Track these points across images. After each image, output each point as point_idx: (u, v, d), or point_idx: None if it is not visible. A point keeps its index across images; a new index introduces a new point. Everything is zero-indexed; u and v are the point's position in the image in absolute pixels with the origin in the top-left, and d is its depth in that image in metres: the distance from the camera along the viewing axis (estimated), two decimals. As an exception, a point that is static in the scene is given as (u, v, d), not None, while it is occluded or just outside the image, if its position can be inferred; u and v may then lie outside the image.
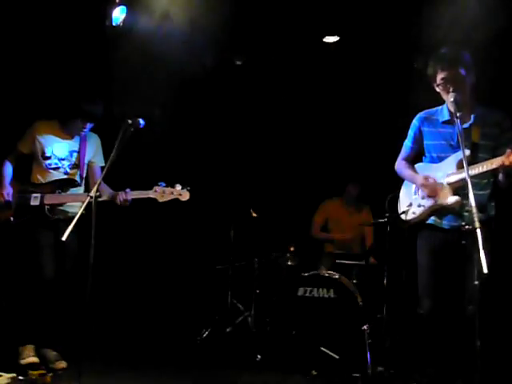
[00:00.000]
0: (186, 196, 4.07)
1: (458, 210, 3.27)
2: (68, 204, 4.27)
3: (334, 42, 5.88)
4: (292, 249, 5.53)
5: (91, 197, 3.42)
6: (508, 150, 3.06)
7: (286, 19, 5.52)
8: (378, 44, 5.56)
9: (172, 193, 4.05)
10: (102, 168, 4.41)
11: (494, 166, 3.12)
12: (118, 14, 5.36)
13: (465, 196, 2.93)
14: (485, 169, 3.16)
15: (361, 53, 5.77)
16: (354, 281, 5.16)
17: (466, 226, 2.96)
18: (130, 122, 3.96)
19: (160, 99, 5.48)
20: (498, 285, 3.86)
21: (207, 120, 6.30)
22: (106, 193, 4.21)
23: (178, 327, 5.58)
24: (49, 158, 4.32)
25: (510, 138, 3.33)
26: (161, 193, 4.06)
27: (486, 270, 2.61)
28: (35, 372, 3.79)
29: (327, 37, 5.84)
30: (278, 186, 6.57)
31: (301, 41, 5.80)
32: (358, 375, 4.34)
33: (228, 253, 5.66)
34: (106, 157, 4.42)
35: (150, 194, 4.08)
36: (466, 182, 2.89)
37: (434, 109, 3.61)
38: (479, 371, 2.85)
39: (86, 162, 4.41)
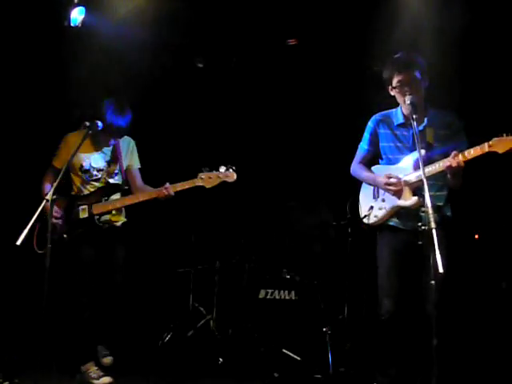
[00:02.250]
0: (233, 176, 3.96)
1: (416, 211, 3.32)
2: (114, 212, 4.22)
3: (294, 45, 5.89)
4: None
5: (47, 200, 3.35)
6: (453, 152, 3.14)
7: (248, 20, 5.54)
8: (334, 48, 5.62)
9: (219, 176, 3.95)
10: (140, 170, 4.40)
11: (443, 168, 3.19)
12: (77, 15, 5.28)
13: (423, 197, 2.98)
14: (437, 169, 3.22)
15: (318, 56, 5.82)
16: (315, 282, 5.18)
17: (423, 227, 3.00)
18: (87, 124, 3.94)
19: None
20: (456, 285, 3.91)
21: (167, 124, 6.24)
22: (146, 192, 4.18)
23: (138, 331, 5.50)
24: (87, 170, 4.25)
25: (460, 140, 3.39)
26: (207, 178, 3.95)
27: (441, 270, 2.65)
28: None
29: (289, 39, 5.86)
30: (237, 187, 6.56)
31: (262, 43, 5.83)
32: (319, 376, 4.36)
33: (189, 256, 5.62)
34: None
35: (197, 182, 3.97)
36: (423, 183, 2.94)
37: (389, 111, 3.66)
38: (436, 370, 2.88)
39: (124, 167, 4.33)
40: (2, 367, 4.08)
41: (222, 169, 3.96)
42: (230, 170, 3.96)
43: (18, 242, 3.22)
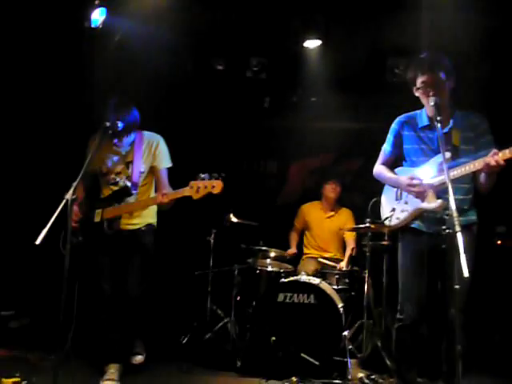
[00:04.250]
0: (218, 187, 3.65)
1: (440, 214, 3.26)
2: (127, 216, 4.14)
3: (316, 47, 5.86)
4: (272, 254, 5.50)
5: (67, 200, 3.34)
6: (493, 150, 3.07)
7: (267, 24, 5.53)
8: (358, 48, 5.58)
9: (205, 186, 3.66)
10: (169, 169, 4.27)
11: (478, 167, 3.12)
12: (98, 16, 5.29)
13: (447, 200, 2.92)
14: (467, 170, 3.16)
15: (340, 57, 5.78)
16: (335, 286, 5.13)
17: (447, 230, 2.94)
18: (107, 124, 3.91)
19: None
20: (480, 289, 3.85)
21: (186, 125, 6.25)
22: (148, 198, 4.14)
23: (156, 333, 5.50)
24: (106, 174, 4.23)
25: (488, 142, 3.33)
26: (195, 188, 3.69)
27: (466, 274, 2.60)
28: (9, 380, 3.70)
29: (308, 41, 5.83)
30: (257, 191, 6.55)
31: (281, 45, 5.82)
32: (338, 381, 4.30)
33: (207, 258, 5.59)
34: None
35: (185, 191, 3.75)
36: (447, 186, 2.88)
37: (413, 113, 3.60)
38: (459, 375, 2.83)
39: (142, 169, 4.20)
40: (20, 366, 4.08)
41: (212, 178, 3.68)
42: (217, 180, 3.66)
43: (38, 242, 3.20)
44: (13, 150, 5.72)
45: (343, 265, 5.53)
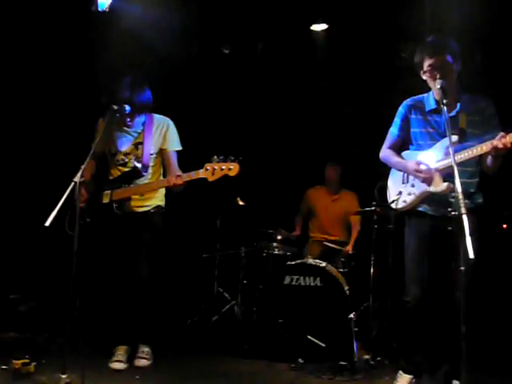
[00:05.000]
0: (235, 170, 3.64)
1: (447, 197, 3.26)
2: (137, 197, 4.14)
3: (322, 30, 5.83)
4: (279, 237, 5.52)
5: (75, 182, 3.36)
6: (501, 133, 3.07)
7: (273, 7, 5.50)
8: (365, 32, 5.54)
9: (221, 168, 3.65)
10: (179, 152, 4.27)
11: (486, 150, 3.12)
12: (104, 0, 5.28)
13: (453, 183, 2.93)
14: (474, 154, 3.16)
15: (349, 41, 5.75)
16: (341, 269, 5.16)
17: (453, 213, 2.95)
18: (115, 107, 3.92)
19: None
20: (485, 272, 3.87)
21: (193, 107, 6.25)
22: (159, 180, 4.15)
23: (163, 316, 5.55)
24: (115, 154, 4.22)
25: (494, 125, 3.33)
26: (211, 170, 3.68)
27: (472, 256, 2.61)
28: (19, 361, 3.74)
29: (315, 25, 5.80)
30: (264, 175, 6.56)
31: (287, 29, 5.79)
32: (344, 363, 4.34)
33: (215, 241, 5.62)
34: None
35: (201, 173, 3.73)
36: (453, 169, 2.89)
37: (420, 96, 3.59)
38: (465, 357, 2.85)
39: (152, 151, 4.20)
40: (29, 348, 4.12)
41: (229, 160, 3.68)
42: (234, 162, 3.66)
43: (47, 224, 3.22)
44: (22, 134, 5.75)
45: (349, 248, 5.56)
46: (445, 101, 3.16)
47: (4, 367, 3.75)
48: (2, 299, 5.36)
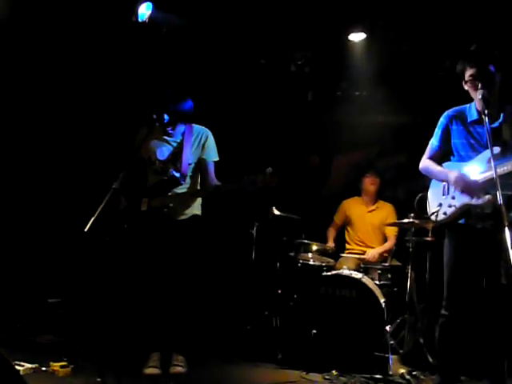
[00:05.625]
0: (274, 182, 3.77)
1: (488, 210, 3.21)
2: (175, 206, 4.17)
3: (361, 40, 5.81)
4: (314, 248, 5.50)
5: (114, 189, 3.41)
6: None
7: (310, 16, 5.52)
8: (404, 42, 5.51)
9: (261, 180, 3.76)
10: (216, 163, 4.33)
11: None
12: (144, 10, 5.38)
13: (495, 195, 2.88)
14: None
15: (388, 51, 5.72)
16: (377, 282, 5.11)
17: (495, 226, 2.90)
18: (155, 116, 3.99)
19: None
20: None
21: (231, 119, 6.28)
22: (199, 189, 4.21)
23: (198, 324, 5.57)
24: (154, 162, 4.28)
25: None
26: (250, 182, 3.79)
27: (514, 270, 2.56)
28: (57, 364, 3.82)
29: (353, 34, 5.79)
30: (300, 185, 6.55)
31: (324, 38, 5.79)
32: (379, 376, 4.29)
33: (250, 251, 5.62)
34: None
35: (240, 184, 3.84)
36: (496, 181, 2.83)
37: (462, 107, 3.54)
38: (505, 372, 2.79)
39: (190, 161, 4.25)
40: (67, 351, 4.19)
41: (266, 172, 3.76)
42: (272, 175, 3.75)
43: (86, 229, 3.27)
44: (67, 142, 5.89)
45: (370, 256, 5.49)
46: (486, 111, 3.12)
47: (43, 369, 3.82)
48: (41, 303, 5.47)
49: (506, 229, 2.65)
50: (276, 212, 5.48)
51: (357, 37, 5.80)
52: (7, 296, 5.30)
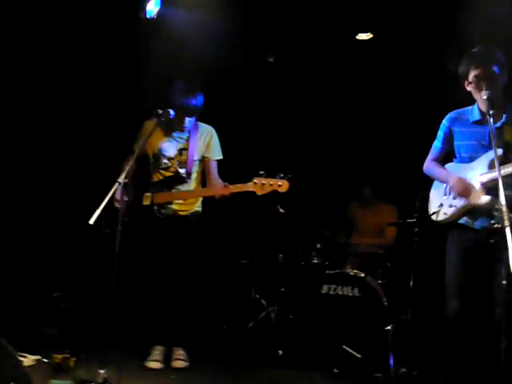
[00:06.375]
0: (285, 187, 3.75)
1: (490, 210, 3.21)
2: (178, 202, 4.21)
3: (367, 40, 5.81)
4: (318, 246, 5.50)
5: (119, 182, 3.44)
6: None
7: (318, 16, 5.51)
8: (410, 42, 5.49)
9: (270, 184, 3.75)
10: (219, 161, 4.35)
11: None
12: (153, 7, 5.40)
13: (497, 196, 2.89)
14: None
15: (393, 51, 5.71)
16: (380, 281, 5.11)
17: (496, 225, 2.90)
18: (160, 112, 3.99)
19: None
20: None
21: (235, 119, 6.29)
22: (204, 189, 4.23)
23: (200, 320, 5.59)
24: (159, 158, 4.29)
25: None
26: (260, 184, 3.78)
27: (514, 270, 2.56)
28: (59, 355, 3.84)
29: (360, 34, 5.79)
30: (305, 184, 6.54)
31: (332, 38, 5.78)
32: (380, 375, 4.29)
33: (253, 248, 5.64)
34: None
35: (249, 186, 3.82)
36: (498, 182, 2.84)
37: (464, 108, 3.56)
38: (504, 374, 2.79)
39: (195, 158, 4.28)
40: (69, 343, 4.22)
41: (277, 177, 3.77)
42: (284, 180, 3.74)
43: (91, 222, 3.30)
44: (71, 136, 5.92)
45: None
46: (491, 112, 3.12)
47: (45, 361, 3.86)
48: (44, 296, 5.50)
49: (508, 229, 2.65)
50: (281, 210, 5.49)
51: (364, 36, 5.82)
52: (12, 288, 5.34)
